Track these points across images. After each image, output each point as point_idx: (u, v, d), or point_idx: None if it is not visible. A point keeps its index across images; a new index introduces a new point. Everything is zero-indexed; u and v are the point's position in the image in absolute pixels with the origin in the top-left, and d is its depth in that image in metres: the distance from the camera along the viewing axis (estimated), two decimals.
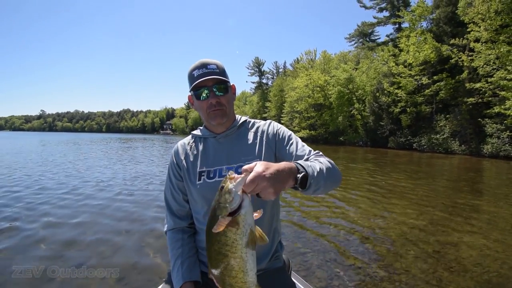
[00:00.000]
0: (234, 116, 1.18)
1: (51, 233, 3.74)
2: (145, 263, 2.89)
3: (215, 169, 1.07)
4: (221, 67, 1.08)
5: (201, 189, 1.07)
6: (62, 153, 16.47)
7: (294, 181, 0.77)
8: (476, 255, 3.14)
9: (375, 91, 24.57)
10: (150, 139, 44.97)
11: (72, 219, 4.29)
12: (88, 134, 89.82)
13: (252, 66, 55.74)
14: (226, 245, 0.66)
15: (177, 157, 1.16)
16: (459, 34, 18.35)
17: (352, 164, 12.21)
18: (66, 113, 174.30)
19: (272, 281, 1.05)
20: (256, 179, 0.67)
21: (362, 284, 2.53)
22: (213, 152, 1.11)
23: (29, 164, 10.57)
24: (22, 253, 3.08)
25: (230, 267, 0.67)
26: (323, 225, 4.19)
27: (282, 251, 1.19)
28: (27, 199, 5.48)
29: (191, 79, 1.05)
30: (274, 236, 1.13)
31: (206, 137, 1.16)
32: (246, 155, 1.08)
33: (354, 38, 36.51)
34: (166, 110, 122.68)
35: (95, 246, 3.32)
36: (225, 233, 0.65)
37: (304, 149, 1.06)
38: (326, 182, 0.87)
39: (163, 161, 12.83)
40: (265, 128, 1.16)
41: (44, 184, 6.82)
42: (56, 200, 5.44)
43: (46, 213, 4.62)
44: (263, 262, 1.08)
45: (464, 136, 17.86)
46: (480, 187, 7.54)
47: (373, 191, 6.52)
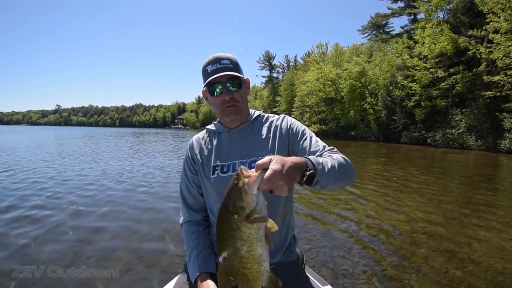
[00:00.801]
0: (248, 111, 1.18)
1: (79, 221, 4.02)
2: (164, 254, 3.01)
3: (228, 163, 1.08)
4: (235, 62, 1.07)
5: (215, 183, 1.08)
6: (82, 146, 16.94)
7: (301, 177, 0.77)
8: (491, 255, 3.07)
9: (388, 85, 24.01)
10: (162, 133, 45.62)
11: (97, 208, 4.59)
12: (103, 129, 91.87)
13: (262, 60, 55.43)
14: (241, 239, 0.66)
15: (192, 152, 1.18)
16: (477, 25, 17.62)
17: (364, 159, 12.05)
18: (80, 108, 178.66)
19: (285, 274, 1.04)
20: (273, 177, 0.66)
21: (369, 282, 2.53)
22: (227, 147, 1.12)
23: (51, 157, 10.94)
24: (52, 239, 3.35)
25: (245, 260, 0.67)
26: (332, 221, 4.18)
27: (296, 245, 1.20)
28: (51, 189, 5.77)
29: (205, 75, 1.05)
30: (288, 230, 1.14)
31: (220, 131, 1.17)
32: (260, 150, 1.08)
33: (367, 30, 35.70)
34: (177, 104, 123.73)
35: (119, 233, 3.56)
36: (239, 228, 0.65)
37: (318, 145, 1.06)
38: (336, 179, 0.86)
39: (178, 154, 13.10)
40: (279, 123, 1.15)
41: (67, 176, 7.07)
42: (82, 191, 5.75)
43: (72, 202, 4.95)
44: (277, 256, 1.08)
45: (480, 131, 17.29)
46: (496, 184, 7.32)
47: (385, 186, 6.44)
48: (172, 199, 5.23)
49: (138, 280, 2.47)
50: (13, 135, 34.27)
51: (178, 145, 19.77)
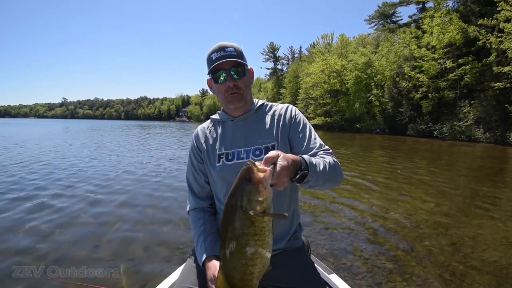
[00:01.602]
0: (252, 100, 1.20)
1: (98, 209, 4.30)
2: (173, 240, 3.21)
3: (233, 151, 1.11)
4: (239, 50, 1.09)
5: (220, 171, 1.10)
6: (94, 139, 17.12)
7: (294, 175, 0.80)
8: (495, 249, 3.01)
9: (395, 76, 23.60)
10: (168, 126, 45.83)
11: (115, 197, 4.90)
12: (109, 121, 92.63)
13: (266, 51, 54.81)
14: (255, 234, 0.66)
15: (198, 141, 1.21)
16: (487, 14, 17.10)
17: (369, 152, 11.95)
18: (86, 101, 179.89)
19: (291, 259, 1.09)
20: (281, 173, 0.70)
21: (371, 274, 2.50)
22: (231, 135, 1.14)
23: (68, 149, 11.08)
24: (74, 225, 3.62)
25: (257, 254, 0.67)
26: (335, 212, 4.16)
27: (301, 232, 1.23)
28: (69, 179, 6.07)
29: (209, 62, 1.07)
30: (293, 218, 1.17)
31: (224, 120, 1.19)
32: (264, 138, 1.10)
33: (374, 19, 34.94)
34: (181, 97, 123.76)
35: (137, 220, 3.85)
36: (253, 224, 0.65)
37: (316, 142, 1.08)
38: (325, 183, 0.91)
39: (186, 145, 13.21)
40: (283, 112, 1.17)
41: (82, 168, 7.16)
42: (100, 181, 5.99)
43: (89, 190, 5.25)
44: (282, 241, 1.11)
45: (489, 123, 16.96)
46: (504, 177, 7.20)
47: (389, 178, 6.37)
48: (183, 188, 5.40)
49: (150, 266, 2.64)
50: (23, 128, 34.76)
51: (186, 137, 19.86)
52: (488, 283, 2.40)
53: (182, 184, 5.68)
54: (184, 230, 3.48)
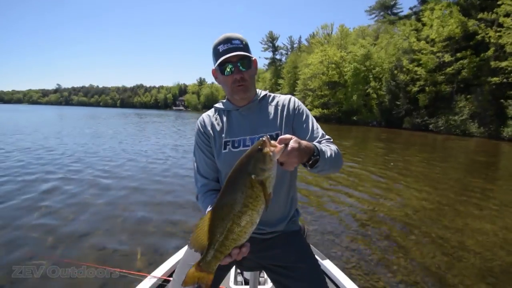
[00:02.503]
0: (255, 90, 1.24)
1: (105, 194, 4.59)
2: (175, 226, 3.43)
3: (239, 139, 1.15)
4: (245, 42, 1.12)
5: (226, 157, 1.14)
6: (94, 127, 17.00)
7: (307, 160, 0.89)
8: (481, 242, 3.12)
9: (393, 69, 23.54)
10: (166, 115, 45.15)
11: (130, 182, 5.27)
12: (104, 109, 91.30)
13: (265, 40, 54.13)
14: (250, 197, 0.72)
15: (204, 127, 1.23)
16: (488, 8, 17.00)
17: (365, 144, 12.04)
18: (81, 88, 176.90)
19: (289, 241, 1.17)
20: (291, 153, 0.77)
21: (357, 266, 2.58)
22: (237, 124, 1.19)
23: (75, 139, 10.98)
24: (77, 212, 3.80)
25: (245, 216, 0.73)
26: (325, 203, 4.25)
27: (298, 217, 1.29)
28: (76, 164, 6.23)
29: (216, 54, 1.10)
30: (292, 203, 1.23)
31: (229, 110, 1.23)
32: (268, 127, 1.16)
33: (375, 11, 34.64)
34: (178, 86, 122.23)
35: (145, 203, 4.22)
36: (253, 187, 0.71)
37: (318, 132, 1.15)
38: (330, 168, 1.00)
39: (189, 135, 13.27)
40: (286, 103, 1.22)
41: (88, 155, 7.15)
42: (107, 167, 6.36)
43: (96, 175, 5.52)
44: (281, 224, 1.17)
45: (484, 118, 17.11)
46: (495, 172, 7.33)
47: (382, 171, 6.47)
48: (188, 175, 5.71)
49: (153, 246, 2.91)
50: (17, 114, 34.26)
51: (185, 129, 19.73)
52: (473, 275, 2.50)
53: (185, 172, 6.03)
54: (191, 212, 3.82)
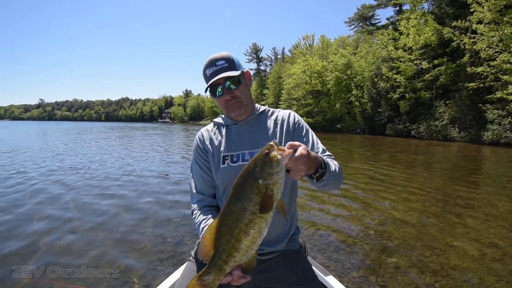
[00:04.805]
0: (253, 102, 1.22)
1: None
2: (173, 243, 3.16)
3: (238, 153, 1.14)
4: (230, 60, 1.11)
5: (225, 172, 1.13)
6: (85, 141, 16.00)
7: (314, 172, 0.89)
8: (466, 264, 2.72)
9: (374, 77, 23.85)
10: (150, 128, 44.09)
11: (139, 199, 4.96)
12: (89, 123, 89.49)
13: (249, 52, 54.57)
14: (258, 204, 0.70)
15: (203, 142, 1.23)
16: (461, 16, 17.47)
17: (347, 153, 11.77)
18: (65, 102, 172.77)
19: (290, 261, 1.14)
20: (299, 159, 0.77)
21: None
22: (236, 138, 1.18)
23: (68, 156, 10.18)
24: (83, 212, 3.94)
25: (253, 223, 0.71)
26: (311, 215, 3.79)
27: (298, 235, 1.25)
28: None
29: (205, 78, 1.14)
30: (292, 221, 1.20)
31: (228, 124, 1.22)
32: (267, 141, 1.15)
33: (354, 22, 35.42)
34: (164, 98, 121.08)
35: (132, 222, 3.87)
36: (260, 193, 0.70)
37: (319, 147, 1.14)
38: (333, 183, 0.98)
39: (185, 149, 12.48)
40: (286, 118, 1.22)
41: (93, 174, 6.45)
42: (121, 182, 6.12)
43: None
44: (281, 244, 1.14)
45: (464, 123, 17.32)
46: (478, 178, 7.10)
47: (362, 183, 6.09)
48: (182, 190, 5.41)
49: (147, 269, 2.60)
50: None
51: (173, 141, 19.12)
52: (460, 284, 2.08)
53: (178, 186, 5.70)
54: (184, 230, 3.52)
